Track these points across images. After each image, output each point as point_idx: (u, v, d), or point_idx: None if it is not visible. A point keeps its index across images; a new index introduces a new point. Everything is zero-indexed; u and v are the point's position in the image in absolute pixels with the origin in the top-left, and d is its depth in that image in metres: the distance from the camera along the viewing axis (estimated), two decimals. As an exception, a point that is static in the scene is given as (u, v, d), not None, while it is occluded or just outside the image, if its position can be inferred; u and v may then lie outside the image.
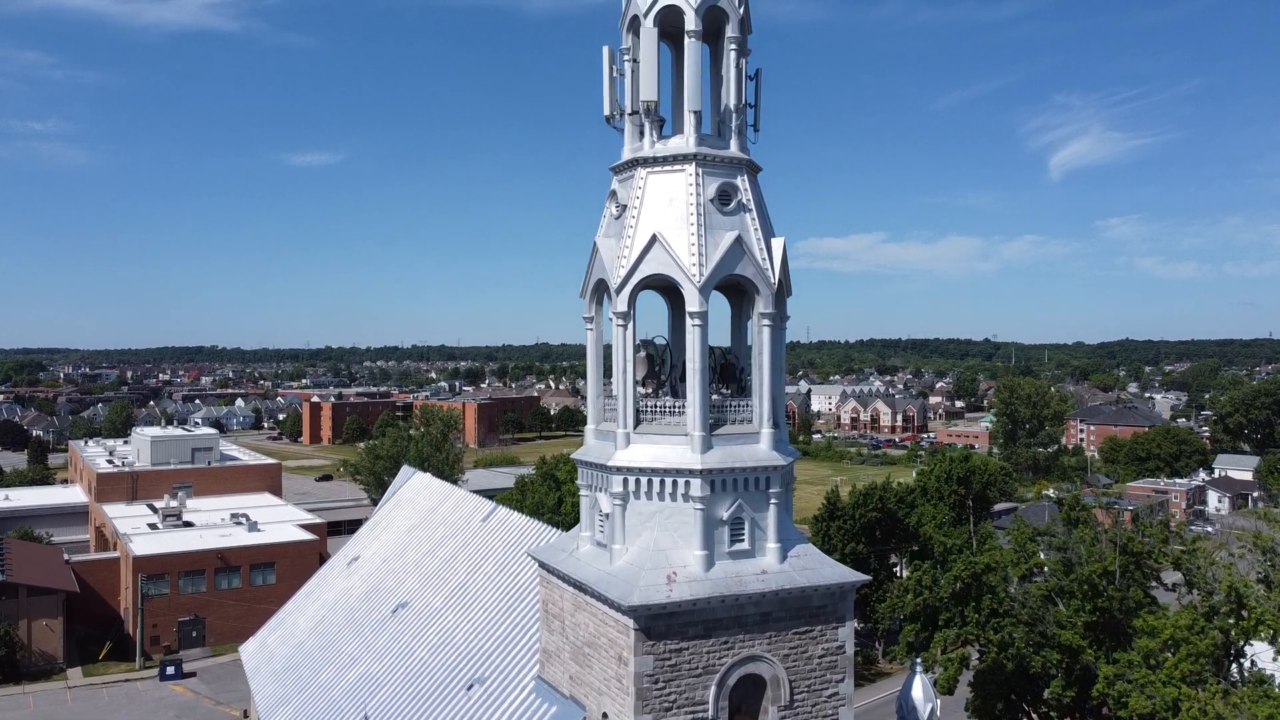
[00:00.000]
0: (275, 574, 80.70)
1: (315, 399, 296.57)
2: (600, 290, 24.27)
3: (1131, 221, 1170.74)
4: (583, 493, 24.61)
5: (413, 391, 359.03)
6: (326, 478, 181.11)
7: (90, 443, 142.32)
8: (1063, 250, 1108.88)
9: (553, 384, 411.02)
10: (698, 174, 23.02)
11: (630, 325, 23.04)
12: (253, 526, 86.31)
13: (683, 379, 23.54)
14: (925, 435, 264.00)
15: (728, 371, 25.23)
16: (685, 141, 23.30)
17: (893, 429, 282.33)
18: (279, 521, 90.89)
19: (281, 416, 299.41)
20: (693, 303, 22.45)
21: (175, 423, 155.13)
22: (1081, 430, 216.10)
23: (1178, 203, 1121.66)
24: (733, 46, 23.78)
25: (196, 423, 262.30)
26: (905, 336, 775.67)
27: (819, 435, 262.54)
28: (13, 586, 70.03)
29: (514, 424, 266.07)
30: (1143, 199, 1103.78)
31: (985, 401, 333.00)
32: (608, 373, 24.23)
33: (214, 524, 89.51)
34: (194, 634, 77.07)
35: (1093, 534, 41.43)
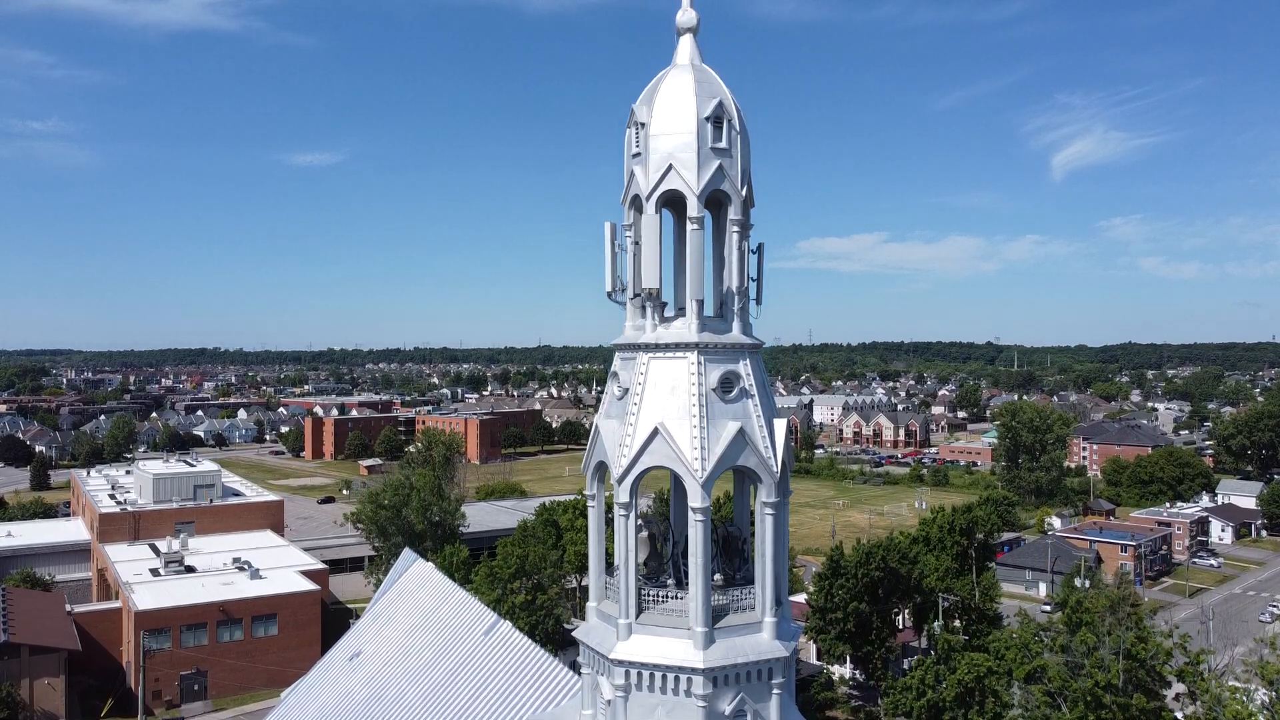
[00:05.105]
0: (277, 625, 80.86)
1: (318, 409, 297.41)
2: (601, 469, 24.11)
3: (1134, 221, 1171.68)
4: (584, 670, 24.47)
5: (415, 401, 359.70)
6: (329, 499, 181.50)
7: (92, 473, 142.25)
8: (1065, 250, 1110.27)
9: (554, 392, 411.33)
10: (700, 362, 22.81)
11: (632, 514, 22.93)
12: (255, 574, 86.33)
13: (684, 556, 23.36)
14: (928, 450, 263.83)
15: (730, 545, 25.01)
16: (688, 328, 23.04)
17: (895, 444, 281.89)
18: (281, 566, 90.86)
19: (284, 429, 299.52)
20: (695, 498, 22.25)
21: (176, 451, 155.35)
22: (1084, 450, 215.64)
23: (1180, 202, 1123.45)
24: (735, 229, 23.52)
25: (198, 437, 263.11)
26: (907, 339, 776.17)
27: (821, 450, 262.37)
28: (15, 646, 70.03)
29: (516, 439, 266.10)
30: (1145, 199, 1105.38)
31: (988, 412, 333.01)
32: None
33: (216, 569, 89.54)
34: (196, 687, 77.20)
35: (1095, 638, 41.20)
